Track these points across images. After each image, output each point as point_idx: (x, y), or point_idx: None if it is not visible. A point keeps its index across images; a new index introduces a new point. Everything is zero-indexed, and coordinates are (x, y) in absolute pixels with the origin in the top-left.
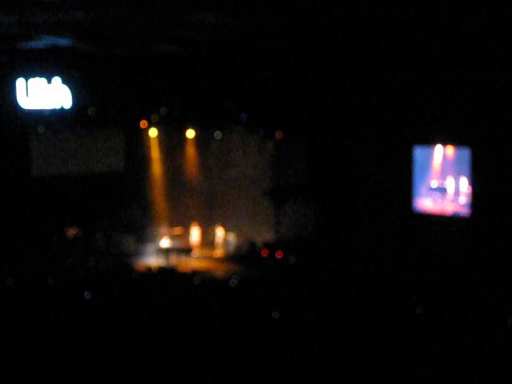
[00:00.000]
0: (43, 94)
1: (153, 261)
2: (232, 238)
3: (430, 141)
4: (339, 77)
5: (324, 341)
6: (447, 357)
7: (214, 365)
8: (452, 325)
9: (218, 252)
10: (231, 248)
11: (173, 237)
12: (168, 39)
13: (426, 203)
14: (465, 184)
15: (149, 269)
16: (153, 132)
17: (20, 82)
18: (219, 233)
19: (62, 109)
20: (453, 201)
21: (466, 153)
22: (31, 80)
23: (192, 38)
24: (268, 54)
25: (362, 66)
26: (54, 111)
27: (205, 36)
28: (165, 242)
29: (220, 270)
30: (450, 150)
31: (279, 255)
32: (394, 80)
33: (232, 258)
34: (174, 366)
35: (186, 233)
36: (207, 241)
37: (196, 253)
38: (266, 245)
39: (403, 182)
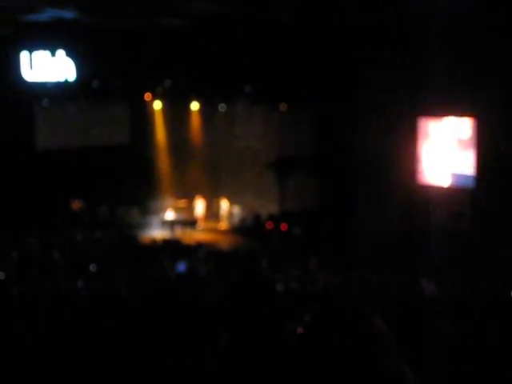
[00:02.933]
0: (47, 66)
1: (158, 233)
2: (236, 210)
3: (434, 112)
4: (344, 49)
5: (328, 311)
6: (450, 329)
7: (217, 338)
8: (455, 296)
9: (223, 224)
10: (236, 220)
11: (177, 209)
12: (172, 11)
13: (429, 175)
14: (469, 156)
15: (154, 241)
16: (157, 104)
17: (24, 55)
18: (224, 205)
19: (66, 81)
20: (456, 173)
21: (470, 123)
22: (35, 53)
23: (196, 9)
24: (272, 25)
25: (367, 38)
26: (58, 84)
27: (208, 8)
28: (169, 215)
29: (225, 243)
30: (455, 120)
31: (284, 227)
32: (398, 52)
33: (237, 230)
34: (178, 336)
35: (191, 205)
36: (212, 213)
37: (201, 225)
38: (271, 217)
39: (407, 153)
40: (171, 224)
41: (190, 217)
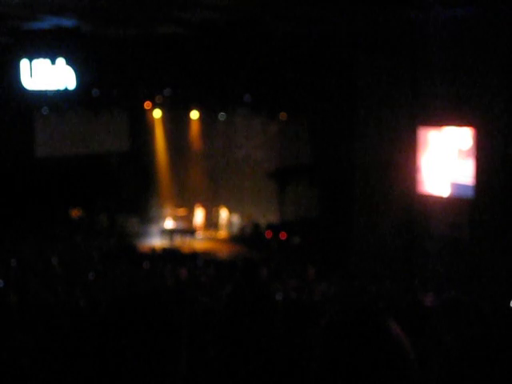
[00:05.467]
0: (47, 74)
1: (157, 242)
2: (236, 219)
3: (434, 122)
4: (344, 58)
5: (327, 320)
6: (449, 339)
7: (215, 344)
8: (454, 306)
9: (222, 233)
10: (235, 229)
11: (177, 218)
12: (172, 20)
13: (429, 184)
14: (468, 166)
15: (153, 250)
16: (157, 113)
17: (24, 63)
18: (223, 214)
19: (66, 90)
20: (456, 183)
21: (469, 133)
22: (35, 61)
23: (195, 18)
24: (272, 34)
25: (367, 47)
26: (58, 92)
27: (208, 17)
28: (169, 223)
29: (224, 251)
30: (455, 130)
31: (283, 236)
32: (398, 61)
33: (236, 239)
34: (175, 343)
35: (190, 214)
36: (211, 222)
37: (200, 234)
38: (270, 226)
39: (407, 163)
40: (170, 233)
41: (189, 225)
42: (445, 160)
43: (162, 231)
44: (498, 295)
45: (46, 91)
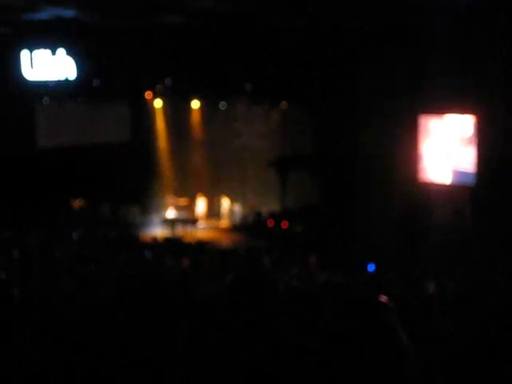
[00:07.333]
0: (48, 65)
1: (159, 231)
2: (238, 208)
3: (435, 109)
4: (345, 47)
5: (329, 311)
6: (451, 329)
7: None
8: (456, 295)
9: (224, 222)
10: (237, 218)
11: (179, 207)
12: (173, 10)
13: (431, 172)
14: (470, 153)
15: (155, 239)
16: (158, 103)
17: (24, 54)
18: (225, 203)
19: (66, 80)
20: (458, 170)
21: (471, 121)
22: (36, 51)
23: (196, 8)
24: (272, 23)
25: (368, 36)
26: (58, 83)
27: (209, 6)
28: (171, 213)
29: (226, 241)
30: (457, 118)
31: (285, 225)
32: (400, 49)
33: (238, 228)
34: (176, 332)
35: (192, 203)
36: (213, 211)
37: (202, 223)
38: (272, 215)
39: (409, 151)
40: (172, 222)
41: (191, 215)
42: (446, 148)
43: (163, 221)
44: (500, 284)
45: (46, 82)
